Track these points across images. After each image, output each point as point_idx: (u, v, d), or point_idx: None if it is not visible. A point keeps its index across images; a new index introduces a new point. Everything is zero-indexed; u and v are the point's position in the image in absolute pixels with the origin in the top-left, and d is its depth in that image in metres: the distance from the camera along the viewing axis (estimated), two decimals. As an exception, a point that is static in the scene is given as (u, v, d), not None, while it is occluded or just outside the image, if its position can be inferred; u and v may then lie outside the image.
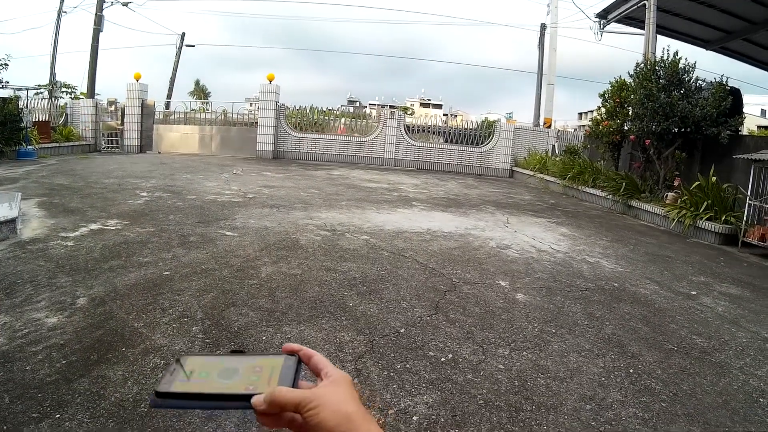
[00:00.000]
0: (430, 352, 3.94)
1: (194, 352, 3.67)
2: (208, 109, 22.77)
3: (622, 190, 12.39)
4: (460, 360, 3.85)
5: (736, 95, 11.94)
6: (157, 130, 20.80)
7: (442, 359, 3.84)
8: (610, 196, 12.83)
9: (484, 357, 3.93)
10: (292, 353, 0.73)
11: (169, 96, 31.67)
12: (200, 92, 69.24)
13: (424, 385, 3.44)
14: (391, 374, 3.55)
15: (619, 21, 19.92)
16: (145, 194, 9.72)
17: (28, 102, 17.48)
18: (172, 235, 6.85)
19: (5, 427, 2.70)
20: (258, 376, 0.68)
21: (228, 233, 7.10)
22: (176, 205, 8.86)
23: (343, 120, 21.83)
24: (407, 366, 3.69)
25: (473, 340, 4.22)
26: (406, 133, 20.46)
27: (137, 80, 20.44)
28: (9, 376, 3.19)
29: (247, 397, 0.65)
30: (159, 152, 20.15)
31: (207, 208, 8.70)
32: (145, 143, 20.63)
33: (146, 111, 20.70)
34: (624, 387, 3.63)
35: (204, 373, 0.69)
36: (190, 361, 0.71)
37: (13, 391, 3.02)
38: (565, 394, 3.47)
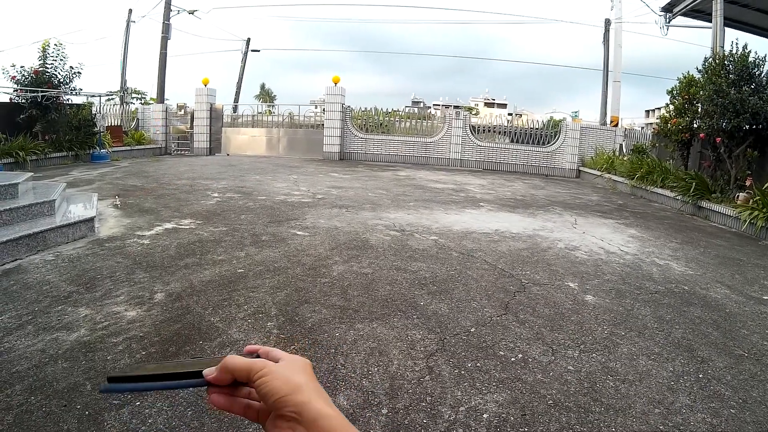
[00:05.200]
0: (500, 352, 3.99)
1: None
2: (274, 112, 23.23)
3: (691, 190, 11.87)
4: (530, 360, 3.89)
5: None
6: (225, 133, 21.42)
7: (512, 359, 3.89)
8: (679, 197, 12.36)
9: (553, 358, 3.95)
10: (251, 353, 0.71)
11: (236, 100, 32.36)
12: (266, 96, 70.39)
13: (494, 383, 3.50)
14: (462, 372, 3.63)
15: (685, 14, 19.08)
16: (216, 195, 10.05)
17: (101, 108, 18.31)
18: (245, 234, 7.08)
19: (87, 412, 2.91)
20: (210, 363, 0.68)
21: (299, 233, 7.28)
22: (247, 205, 9.12)
23: (409, 122, 21.85)
24: (478, 365, 3.74)
25: (543, 341, 4.24)
26: (471, 134, 20.34)
27: (205, 85, 21.09)
28: (91, 365, 3.42)
29: (198, 373, 0.65)
30: (227, 154, 20.73)
31: (277, 208, 8.91)
32: (214, 146, 21.26)
33: (214, 115, 21.33)
34: (693, 392, 3.58)
35: (158, 364, 0.69)
36: (147, 364, 0.75)
37: (95, 379, 3.24)
38: (634, 397, 3.46)
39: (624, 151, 18.77)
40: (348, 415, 2.78)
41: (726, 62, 11.75)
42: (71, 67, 15.76)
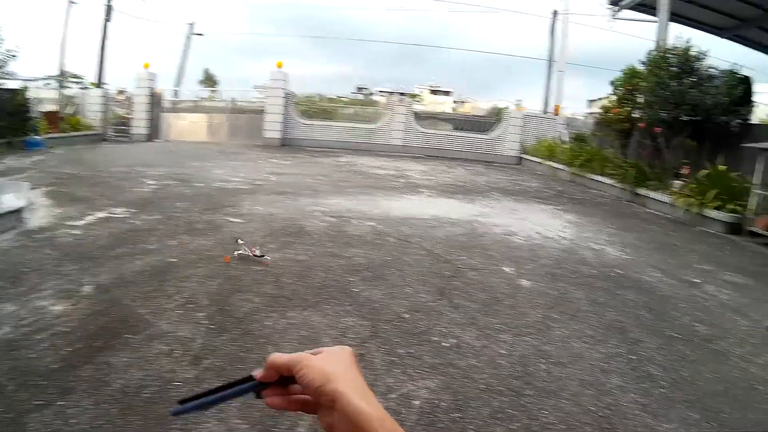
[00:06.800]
0: (434, 338, 3.98)
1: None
2: (216, 98, 22.74)
3: (630, 177, 12.30)
4: (463, 345, 3.89)
5: (747, 84, 11.86)
6: (166, 118, 20.82)
7: (445, 344, 3.89)
8: (618, 184, 12.77)
9: (487, 342, 3.97)
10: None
11: (177, 85, 31.51)
12: (209, 81, 68.91)
13: (426, 369, 3.48)
14: (394, 359, 3.59)
15: (632, 8, 19.69)
16: (152, 182, 9.77)
17: (37, 92, 17.44)
18: (179, 222, 6.90)
19: (11, 416, 2.73)
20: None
21: (234, 220, 7.15)
22: (184, 192, 8.91)
23: (352, 108, 21.76)
24: (410, 351, 3.72)
25: (477, 326, 4.26)
26: (415, 121, 20.42)
27: (146, 69, 20.43)
28: (14, 364, 3.22)
29: (250, 378, 0.69)
30: (167, 141, 20.18)
31: (214, 195, 8.75)
32: (154, 132, 20.62)
33: (155, 100, 20.68)
34: (625, 373, 3.66)
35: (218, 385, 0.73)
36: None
37: (18, 378, 3.06)
38: (566, 379, 3.50)
39: (565, 139, 19.20)
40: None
41: (669, 55, 12.17)
42: (7, 50, 14.91)
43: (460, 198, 10.37)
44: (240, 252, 5.42)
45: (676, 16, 17.81)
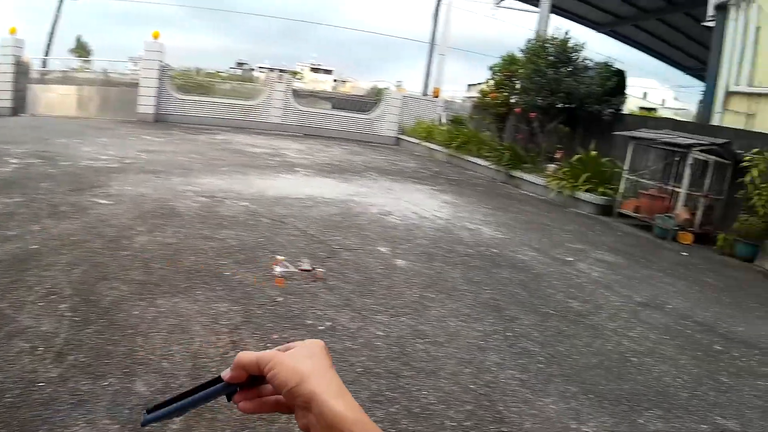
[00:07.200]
0: (308, 321, 3.86)
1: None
2: (88, 68, 21.17)
3: (505, 160, 12.79)
4: (339, 327, 3.79)
5: (620, 76, 12.77)
6: (33, 90, 19.12)
7: (320, 327, 3.77)
8: (493, 166, 13.22)
9: (362, 324, 3.88)
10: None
11: (47, 53, 29.18)
12: (82, 50, 64.52)
13: None
14: (268, 345, 3.39)
15: (515, -3, 20.52)
16: (14, 161, 8.82)
17: None
18: (42, 204, 6.24)
19: None
20: None
21: (102, 201, 6.61)
22: (48, 172, 8.13)
23: (230, 84, 21.00)
24: (284, 336, 3.59)
25: (352, 307, 4.17)
26: (294, 98, 20.03)
27: (12, 35, 18.59)
28: None
29: (218, 379, 0.66)
30: (33, 115, 18.55)
31: (81, 175, 8.06)
32: (20, 105, 18.88)
33: (21, 69, 18.89)
34: (502, 350, 3.70)
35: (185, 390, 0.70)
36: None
37: None
38: (444, 358, 3.48)
39: (443, 121, 19.58)
40: (148, 403, 2.47)
41: (547, 45, 12.76)
42: None
43: (336, 177, 10.24)
44: (283, 270, 4.85)
45: (557, 9, 18.80)
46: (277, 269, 4.75)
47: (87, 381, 2.80)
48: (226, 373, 0.65)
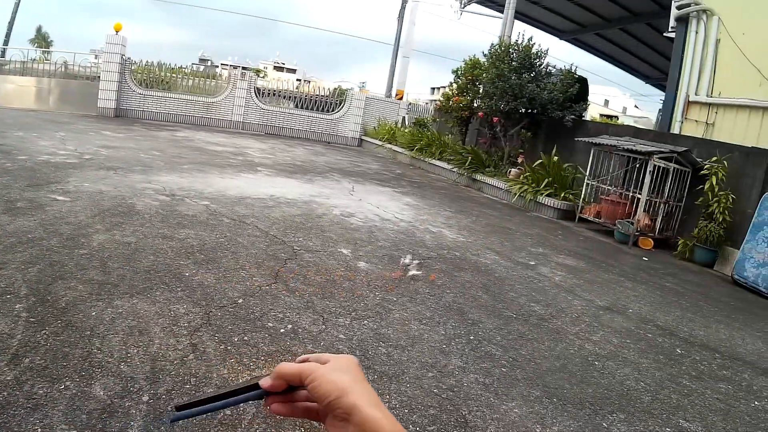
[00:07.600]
0: (269, 323, 3.77)
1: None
2: (48, 59, 20.57)
3: (467, 163, 12.89)
4: (300, 330, 3.72)
5: (583, 84, 13.02)
6: None
7: (282, 330, 3.70)
8: (455, 169, 13.29)
9: (324, 327, 3.82)
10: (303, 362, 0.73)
11: (5, 43, 28.38)
12: (42, 40, 62.91)
13: (262, 358, 3.29)
14: (229, 348, 3.34)
15: (480, 2, 20.61)
16: None
17: None
18: None
19: None
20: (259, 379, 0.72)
21: (59, 198, 6.39)
22: (4, 166, 7.84)
23: (192, 80, 20.65)
24: (245, 338, 3.50)
25: (313, 310, 4.09)
26: (257, 97, 19.83)
27: None
28: None
29: (255, 386, 0.68)
30: None
31: (38, 170, 7.80)
32: None
33: None
34: (465, 354, 3.67)
35: (217, 390, 0.72)
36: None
37: None
38: (407, 362, 3.44)
39: (406, 123, 19.64)
40: (105, 407, 2.57)
41: (511, 50, 12.90)
42: None
43: (298, 178, 10.14)
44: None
45: (520, 15, 19.04)
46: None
47: (43, 384, 2.68)
48: (265, 381, 0.68)
